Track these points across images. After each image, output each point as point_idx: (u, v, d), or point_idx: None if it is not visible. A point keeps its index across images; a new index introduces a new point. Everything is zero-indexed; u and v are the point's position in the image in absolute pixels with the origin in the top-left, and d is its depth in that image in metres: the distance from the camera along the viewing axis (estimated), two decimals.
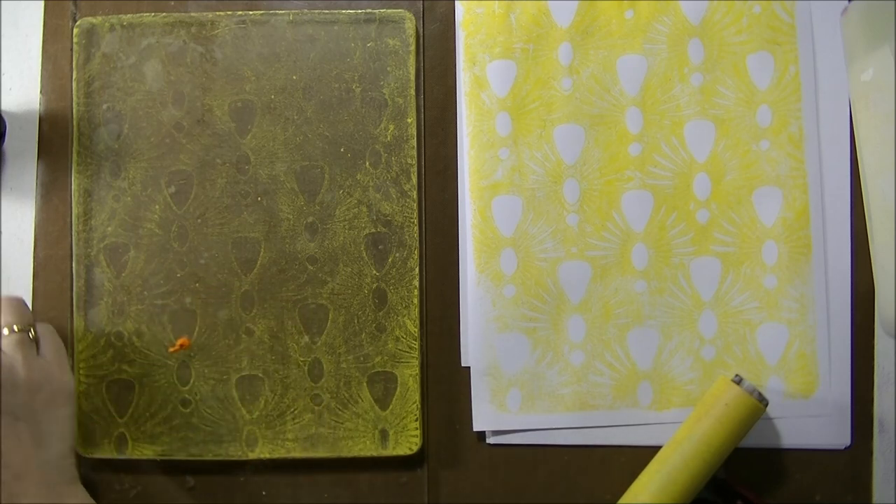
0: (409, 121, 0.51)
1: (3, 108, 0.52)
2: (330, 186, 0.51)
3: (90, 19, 0.51)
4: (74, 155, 0.51)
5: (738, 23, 0.51)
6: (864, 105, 0.49)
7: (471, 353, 0.51)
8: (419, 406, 0.50)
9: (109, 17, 0.52)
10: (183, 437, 0.51)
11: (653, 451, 0.49)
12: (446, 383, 0.51)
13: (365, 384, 0.51)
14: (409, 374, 0.50)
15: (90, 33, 0.52)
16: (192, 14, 0.52)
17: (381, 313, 0.51)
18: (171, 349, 0.50)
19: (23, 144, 0.52)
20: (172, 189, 0.51)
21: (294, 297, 0.51)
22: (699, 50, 0.51)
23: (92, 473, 0.51)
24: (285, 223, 0.51)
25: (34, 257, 0.52)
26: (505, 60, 0.51)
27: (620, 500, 0.49)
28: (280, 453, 0.50)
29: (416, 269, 0.51)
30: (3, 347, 0.47)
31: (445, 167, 0.52)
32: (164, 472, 0.51)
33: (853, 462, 0.51)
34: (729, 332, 0.51)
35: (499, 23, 0.51)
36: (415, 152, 0.51)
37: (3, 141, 0.52)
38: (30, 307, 0.51)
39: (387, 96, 0.51)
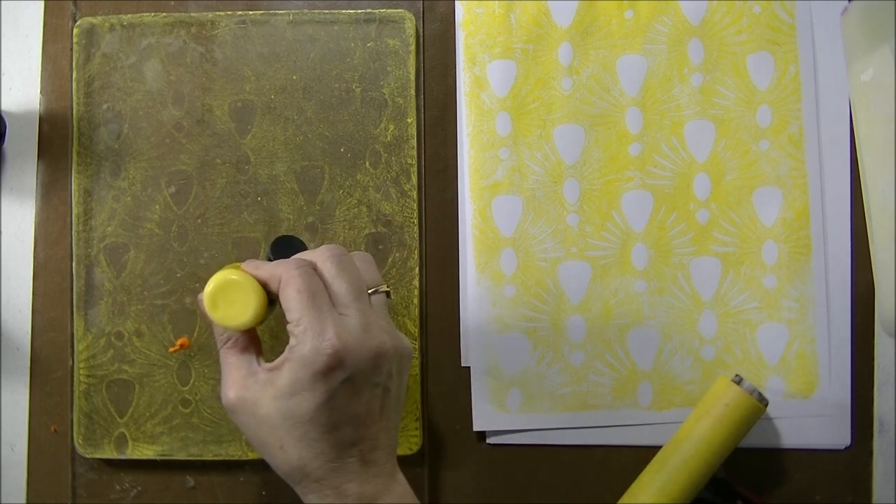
0: (409, 121, 0.51)
1: (3, 108, 0.52)
2: (330, 186, 0.51)
3: (90, 19, 0.51)
4: (74, 155, 0.51)
5: (738, 23, 0.51)
6: (864, 105, 0.49)
7: (471, 353, 0.51)
8: (419, 406, 0.50)
9: (109, 17, 0.52)
10: (183, 437, 0.51)
11: (653, 451, 0.49)
12: (446, 383, 0.51)
13: None
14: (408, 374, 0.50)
15: (90, 33, 0.52)
16: (192, 14, 0.52)
17: None
18: (171, 349, 0.50)
19: (23, 144, 0.52)
20: (172, 189, 0.51)
21: None
22: (699, 50, 0.51)
23: (92, 473, 0.51)
24: (285, 223, 0.51)
25: (34, 257, 0.52)
26: (505, 60, 0.51)
27: (620, 500, 0.49)
28: None
29: (416, 269, 0.51)
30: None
31: (445, 167, 0.52)
32: (164, 472, 0.51)
33: (853, 462, 0.50)
34: (729, 332, 0.51)
35: (499, 23, 0.51)
36: (415, 152, 0.51)
37: (3, 141, 0.52)
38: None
39: (387, 96, 0.51)
